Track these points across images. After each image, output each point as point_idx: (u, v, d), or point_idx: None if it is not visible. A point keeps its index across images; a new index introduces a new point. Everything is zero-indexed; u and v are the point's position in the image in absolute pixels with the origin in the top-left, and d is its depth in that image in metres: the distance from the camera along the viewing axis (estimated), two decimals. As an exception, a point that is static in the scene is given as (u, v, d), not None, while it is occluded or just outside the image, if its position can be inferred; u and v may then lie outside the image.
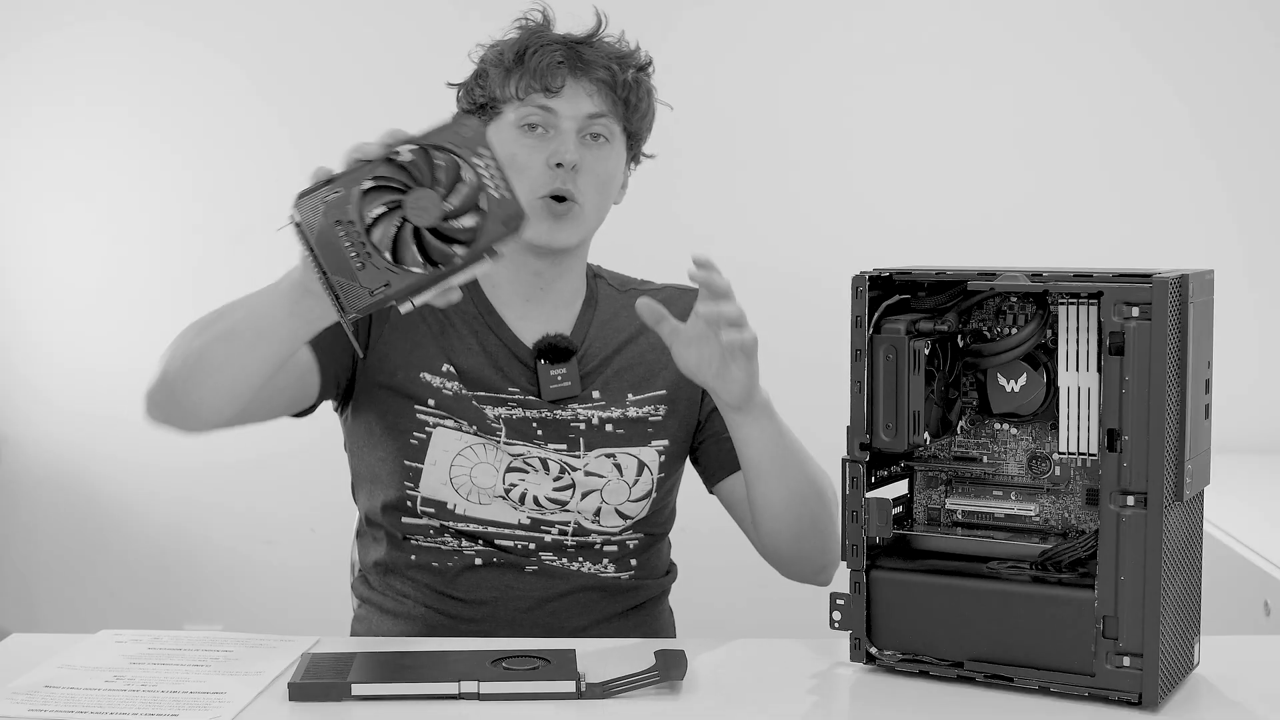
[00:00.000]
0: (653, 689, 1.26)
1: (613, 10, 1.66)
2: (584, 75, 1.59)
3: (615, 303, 1.70)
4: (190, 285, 3.05)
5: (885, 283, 1.31)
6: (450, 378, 1.61)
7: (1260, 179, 2.92)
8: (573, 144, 1.57)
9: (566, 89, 1.58)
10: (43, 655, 1.37)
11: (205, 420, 1.46)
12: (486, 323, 1.65)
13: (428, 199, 1.23)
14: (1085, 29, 2.92)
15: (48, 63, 3.04)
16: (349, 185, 1.26)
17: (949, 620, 1.28)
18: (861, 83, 2.95)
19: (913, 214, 2.94)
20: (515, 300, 1.65)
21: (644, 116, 1.65)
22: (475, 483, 1.60)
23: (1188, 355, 1.20)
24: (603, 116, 1.60)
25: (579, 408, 1.62)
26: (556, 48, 1.59)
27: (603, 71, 1.59)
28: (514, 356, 1.63)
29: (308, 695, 1.25)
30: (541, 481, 1.60)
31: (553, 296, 1.66)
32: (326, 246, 1.25)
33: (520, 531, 1.61)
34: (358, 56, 2.98)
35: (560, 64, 1.58)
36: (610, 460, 1.62)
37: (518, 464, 1.60)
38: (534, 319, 1.65)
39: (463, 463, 1.59)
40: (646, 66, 1.65)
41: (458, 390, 1.60)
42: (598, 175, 1.60)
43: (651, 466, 1.64)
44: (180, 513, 3.09)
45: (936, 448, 1.36)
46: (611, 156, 1.62)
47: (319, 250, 1.25)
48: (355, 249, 1.25)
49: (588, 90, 1.59)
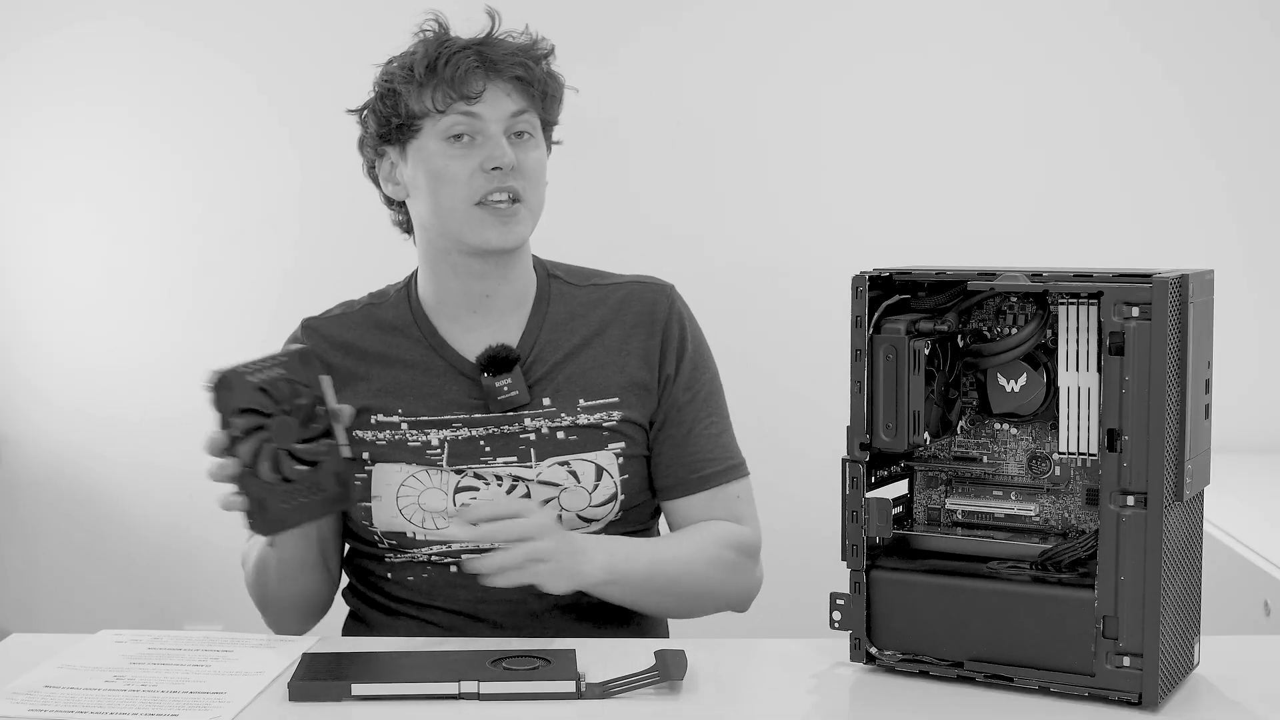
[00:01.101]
0: (653, 689, 1.26)
1: (598, 10, 1.66)
2: (499, 75, 1.58)
3: (572, 301, 1.67)
4: (190, 285, 3.05)
5: (885, 283, 1.31)
6: (381, 428, 1.61)
7: (1260, 179, 2.92)
8: (504, 145, 1.57)
9: (486, 93, 1.57)
10: (43, 655, 1.37)
11: (318, 612, 1.67)
12: (430, 344, 1.64)
13: (287, 424, 1.39)
14: (1086, 28, 2.92)
15: (48, 63, 3.04)
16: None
17: (949, 620, 1.28)
18: (862, 82, 2.95)
19: (913, 214, 2.94)
20: (461, 313, 1.64)
21: (559, 104, 1.66)
22: (425, 509, 1.59)
23: (1188, 355, 1.20)
24: (524, 113, 1.60)
25: (528, 418, 1.60)
26: (466, 53, 1.57)
27: (518, 68, 1.59)
28: (460, 374, 1.62)
29: (308, 695, 1.25)
30: (495, 496, 1.59)
31: (499, 302, 1.64)
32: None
33: (485, 545, 1.60)
34: (358, 57, 2.97)
35: (476, 68, 1.57)
36: (564, 468, 1.60)
37: (466, 481, 1.59)
38: (481, 329, 1.63)
39: (408, 493, 1.60)
40: (550, 54, 1.64)
41: (390, 437, 1.61)
42: (532, 171, 1.60)
43: (610, 470, 1.61)
44: (180, 513, 3.09)
45: (936, 448, 1.36)
46: (538, 149, 1.62)
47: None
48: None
49: (505, 90, 1.59)
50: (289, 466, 1.39)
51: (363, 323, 1.67)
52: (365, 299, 1.71)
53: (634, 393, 1.63)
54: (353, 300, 1.71)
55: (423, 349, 1.64)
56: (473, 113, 1.57)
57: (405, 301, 1.67)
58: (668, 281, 1.71)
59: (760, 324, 2.93)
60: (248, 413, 1.36)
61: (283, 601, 1.62)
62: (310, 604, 1.64)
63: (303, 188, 3.01)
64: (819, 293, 2.73)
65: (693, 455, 1.64)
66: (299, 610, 1.64)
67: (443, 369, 1.62)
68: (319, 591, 1.64)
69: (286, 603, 1.62)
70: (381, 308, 1.68)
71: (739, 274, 2.94)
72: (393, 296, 1.69)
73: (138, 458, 3.09)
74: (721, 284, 2.82)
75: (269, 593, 1.62)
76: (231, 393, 1.35)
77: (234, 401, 1.35)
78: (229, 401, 1.35)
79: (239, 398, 1.35)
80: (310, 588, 1.62)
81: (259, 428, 1.37)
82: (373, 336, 1.66)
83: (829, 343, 2.09)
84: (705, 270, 2.86)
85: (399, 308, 1.67)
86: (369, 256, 3.00)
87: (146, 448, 3.08)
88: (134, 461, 3.09)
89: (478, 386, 1.61)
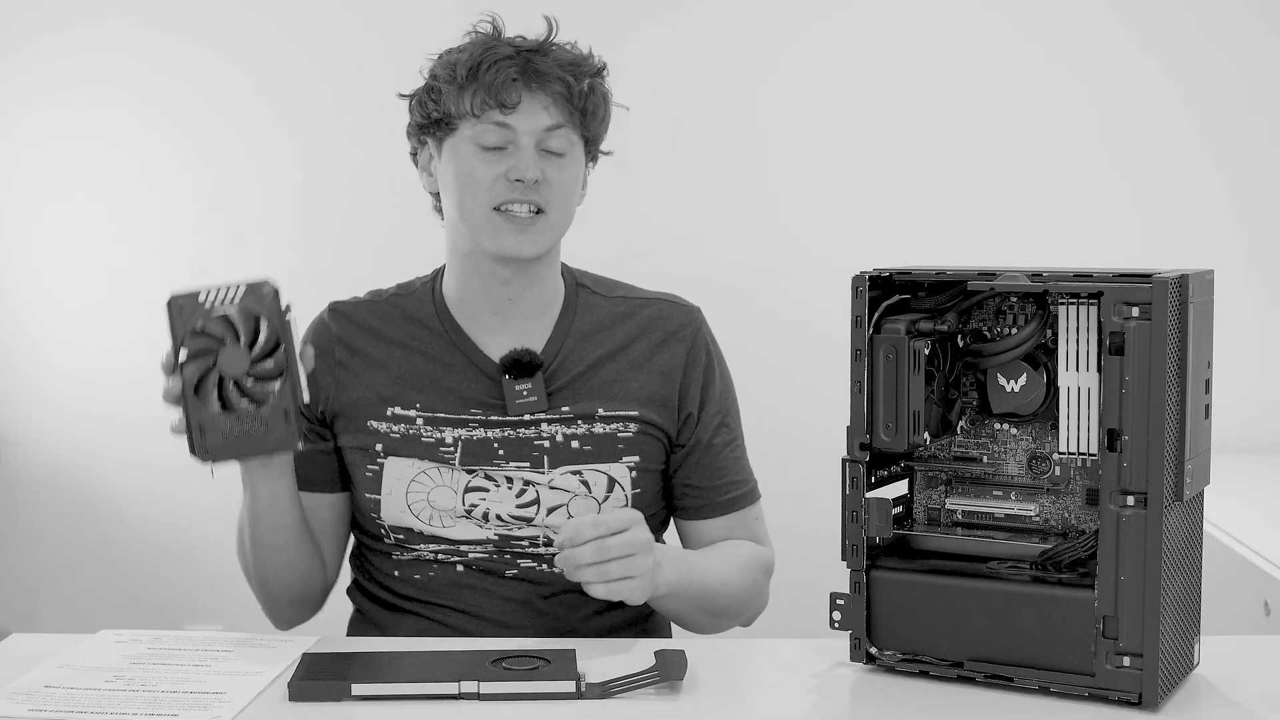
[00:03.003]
0: (653, 689, 1.26)
1: (591, 11, 1.66)
2: (539, 88, 1.56)
3: (599, 312, 1.67)
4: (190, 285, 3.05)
5: (885, 283, 1.31)
6: (396, 420, 1.61)
7: (1260, 179, 2.92)
8: (532, 159, 1.55)
9: (523, 104, 1.56)
10: (43, 655, 1.37)
11: (306, 601, 1.65)
12: (452, 341, 1.64)
13: (237, 354, 1.40)
14: (1087, 29, 2.92)
15: (48, 63, 3.04)
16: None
17: (949, 620, 1.28)
18: (862, 82, 2.95)
19: (913, 214, 2.94)
20: (483, 314, 1.64)
21: (601, 122, 1.63)
22: (434, 506, 1.60)
23: (1188, 355, 1.20)
24: (560, 128, 1.57)
25: (545, 424, 1.60)
26: (509, 62, 1.55)
27: (558, 84, 1.56)
28: (481, 373, 1.62)
29: (308, 695, 1.25)
30: (504, 498, 1.59)
31: (523, 307, 1.63)
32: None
33: (491, 548, 1.61)
34: (358, 57, 2.98)
35: (515, 80, 1.55)
36: (577, 477, 1.60)
37: (477, 482, 1.60)
38: (504, 332, 1.63)
39: (418, 489, 1.60)
40: (601, 71, 1.62)
41: (404, 431, 1.61)
42: (560, 185, 1.58)
43: (623, 482, 1.61)
44: (180, 513, 3.09)
45: (936, 448, 1.36)
46: (571, 165, 1.60)
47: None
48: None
49: (543, 103, 1.57)
50: (234, 397, 1.40)
51: (389, 311, 1.67)
52: (393, 289, 1.71)
53: (653, 408, 1.63)
54: (381, 289, 1.71)
55: (444, 344, 1.64)
56: (506, 123, 1.56)
57: (430, 295, 1.68)
58: (695, 304, 1.71)
59: (760, 324, 2.93)
60: (200, 336, 1.39)
61: (266, 572, 1.59)
62: (297, 582, 1.61)
63: (303, 188, 3.01)
64: (819, 293, 2.73)
65: (720, 478, 1.67)
66: (286, 591, 1.61)
67: (463, 365, 1.63)
68: (308, 572, 1.61)
69: (270, 574, 1.59)
70: (408, 299, 1.68)
71: (739, 274, 2.94)
72: (419, 289, 1.69)
73: (138, 458, 3.09)
74: (721, 284, 2.82)
75: (250, 559, 1.60)
76: (183, 316, 1.39)
77: (186, 324, 1.39)
78: (182, 324, 1.39)
79: (191, 321, 1.39)
80: (295, 562, 1.59)
81: (209, 352, 1.39)
82: (396, 325, 1.66)
83: (829, 343, 2.09)
84: (705, 270, 2.87)
85: (424, 301, 1.67)
86: (368, 256, 3.02)
87: (146, 448, 3.08)
88: (134, 461, 3.09)
89: (497, 387, 1.61)
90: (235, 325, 1.39)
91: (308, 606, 1.66)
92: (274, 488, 1.53)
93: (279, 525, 1.55)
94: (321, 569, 1.64)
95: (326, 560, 1.66)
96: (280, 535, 1.56)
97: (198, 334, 1.39)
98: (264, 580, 1.60)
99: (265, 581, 1.61)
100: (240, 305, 1.40)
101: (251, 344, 1.39)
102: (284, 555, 1.58)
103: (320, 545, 1.64)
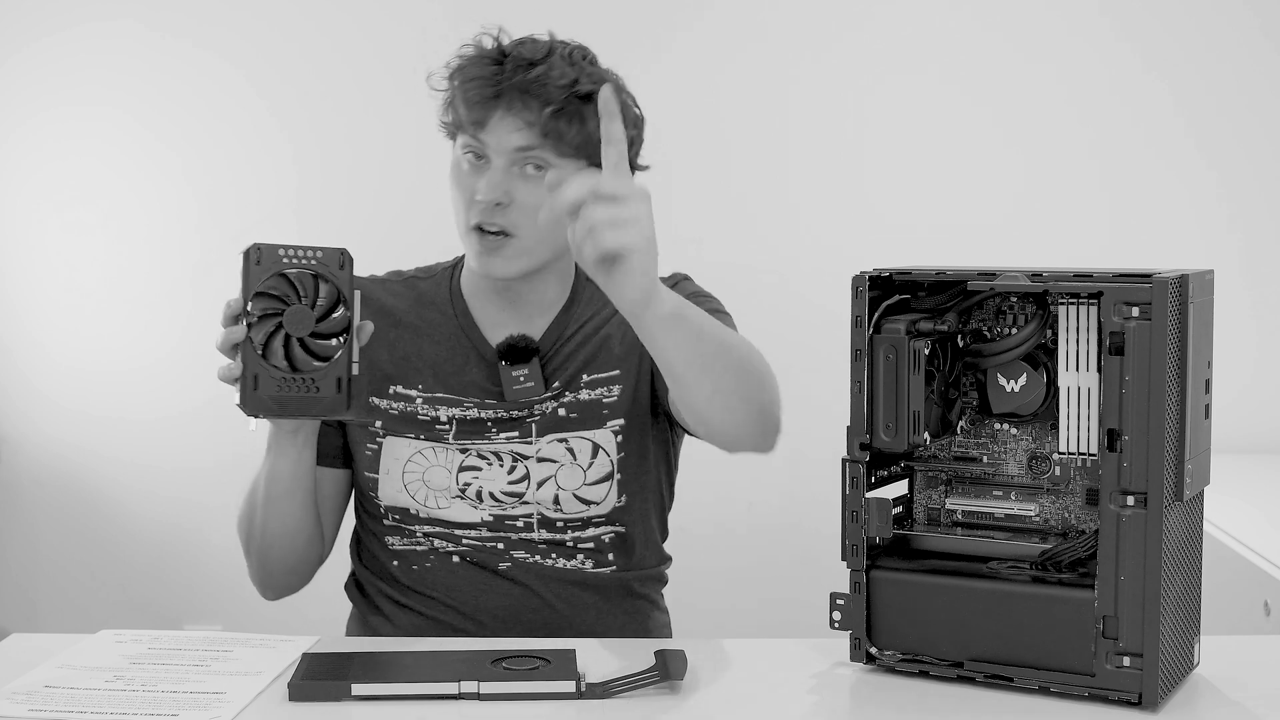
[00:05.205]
0: (653, 689, 1.26)
1: (617, 17, 1.66)
2: (511, 109, 1.53)
3: (597, 302, 1.67)
4: (190, 285, 3.05)
5: (885, 283, 1.31)
6: (396, 399, 1.63)
7: (1258, 179, 2.92)
8: (498, 180, 1.53)
9: (495, 124, 1.53)
10: (43, 655, 1.37)
11: (301, 570, 1.65)
12: (460, 324, 1.66)
13: (303, 314, 1.41)
14: (1085, 32, 2.92)
15: (48, 65, 3.04)
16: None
17: (949, 620, 1.28)
18: (861, 86, 2.95)
19: (913, 215, 2.94)
20: (490, 307, 1.66)
21: (586, 141, 1.54)
22: (430, 486, 1.62)
23: (1188, 355, 1.20)
24: (533, 149, 1.53)
25: (538, 407, 1.62)
26: (483, 81, 1.53)
27: (535, 102, 1.52)
28: (482, 358, 1.64)
29: (308, 695, 1.25)
30: (496, 476, 1.61)
31: (526, 305, 1.65)
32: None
33: (486, 531, 1.62)
34: (356, 59, 2.98)
35: (486, 99, 1.53)
36: (563, 445, 1.61)
37: (470, 460, 1.61)
38: (507, 325, 1.65)
39: (414, 469, 1.62)
40: (591, 95, 1.50)
41: (402, 409, 1.63)
42: (532, 207, 1.53)
43: (608, 448, 1.62)
44: (180, 513, 3.09)
45: (936, 448, 1.36)
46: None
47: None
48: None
49: (515, 125, 1.53)
50: (295, 354, 1.41)
51: (404, 292, 1.70)
52: (413, 270, 1.73)
53: (632, 356, 1.63)
54: (402, 270, 1.74)
55: (453, 328, 1.66)
56: (481, 140, 1.55)
57: (448, 280, 1.70)
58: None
59: (760, 324, 2.89)
60: (269, 294, 1.40)
61: (270, 537, 1.60)
62: (298, 549, 1.61)
63: (301, 188, 3.01)
64: (819, 292, 2.73)
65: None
66: (285, 559, 1.62)
67: (467, 350, 1.64)
68: (309, 541, 1.62)
69: (274, 539, 1.60)
70: (425, 281, 1.71)
71: (739, 274, 2.93)
72: (438, 274, 1.71)
73: (138, 458, 3.09)
74: (721, 284, 2.82)
75: (258, 522, 1.60)
76: (260, 268, 1.39)
77: (260, 276, 1.39)
78: (256, 276, 1.39)
79: (266, 274, 1.39)
80: (300, 530, 1.60)
81: (277, 311, 1.40)
82: (409, 306, 1.68)
83: (829, 343, 2.09)
84: (705, 270, 2.86)
85: (440, 285, 1.70)
86: (368, 256, 3.00)
87: (146, 448, 3.08)
88: (134, 461, 3.10)
89: (497, 373, 1.62)
90: (305, 285, 1.41)
91: (301, 575, 1.67)
92: (299, 454, 1.55)
93: (294, 490, 1.57)
94: (320, 540, 1.66)
95: (324, 531, 1.67)
96: (292, 501, 1.57)
97: (267, 289, 1.40)
98: (266, 546, 1.61)
99: (268, 547, 1.61)
100: (315, 268, 1.41)
101: (315, 306, 1.41)
102: (292, 521, 1.59)
103: (322, 516, 1.66)
